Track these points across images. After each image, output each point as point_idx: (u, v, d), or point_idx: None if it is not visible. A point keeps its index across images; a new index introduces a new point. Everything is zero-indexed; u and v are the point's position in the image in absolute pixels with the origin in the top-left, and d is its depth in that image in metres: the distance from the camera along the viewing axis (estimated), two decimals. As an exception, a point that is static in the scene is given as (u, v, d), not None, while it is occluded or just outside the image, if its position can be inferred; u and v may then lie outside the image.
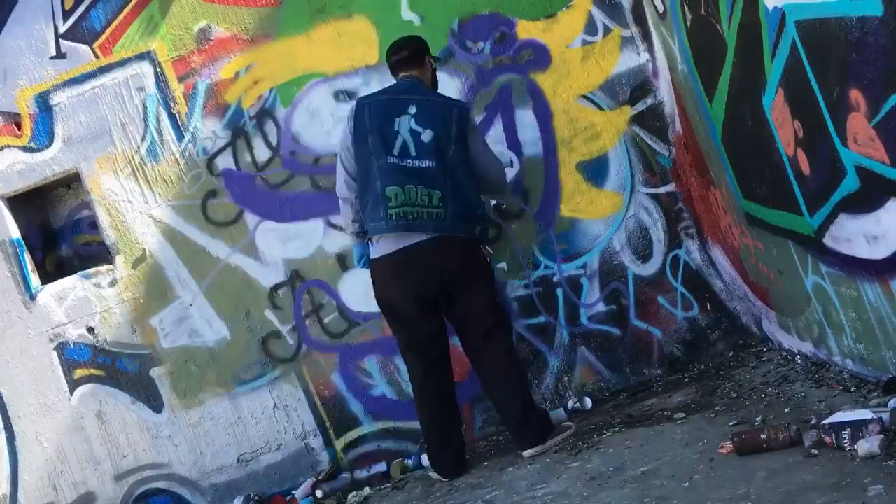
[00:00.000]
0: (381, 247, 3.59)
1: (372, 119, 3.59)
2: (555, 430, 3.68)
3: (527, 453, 3.60)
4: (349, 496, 3.95)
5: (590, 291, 4.19)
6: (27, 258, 4.37)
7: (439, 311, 3.67)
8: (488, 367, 3.68)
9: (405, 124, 3.56)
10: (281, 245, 4.26)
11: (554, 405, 4.14)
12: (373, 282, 3.69)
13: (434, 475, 3.74)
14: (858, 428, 2.43)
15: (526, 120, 4.16)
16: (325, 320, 4.26)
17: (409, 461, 4.09)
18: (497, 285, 3.83)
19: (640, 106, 4.15)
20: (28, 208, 4.46)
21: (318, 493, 4.06)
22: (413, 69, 3.74)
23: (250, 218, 4.26)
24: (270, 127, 4.24)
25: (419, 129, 3.55)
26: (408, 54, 3.75)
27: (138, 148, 4.29)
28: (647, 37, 4.04)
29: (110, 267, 4.32)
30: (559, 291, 4.19)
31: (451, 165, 3.54)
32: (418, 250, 3.53)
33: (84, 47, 4.29)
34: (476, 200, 3.62)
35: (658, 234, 4.17)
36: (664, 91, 4.06)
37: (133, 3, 4.25)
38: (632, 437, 3.37)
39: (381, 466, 4.12)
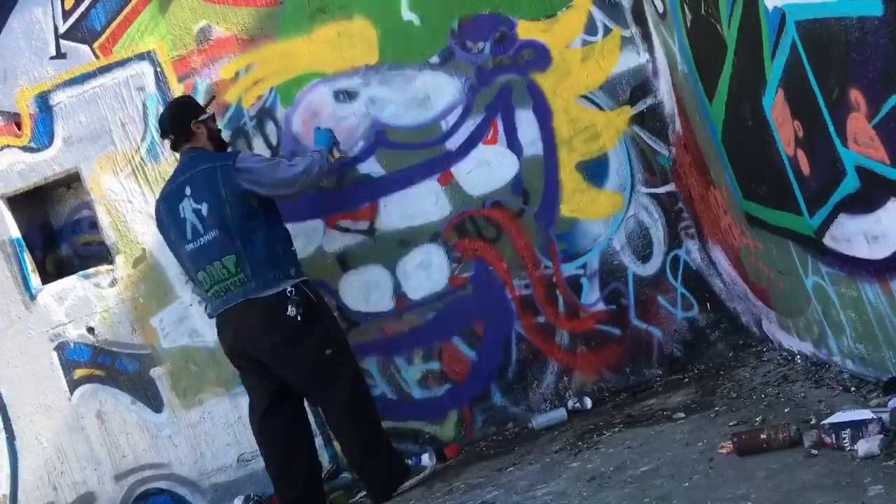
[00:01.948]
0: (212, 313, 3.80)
1: (165, 214, 3.74)
2: (407, 477, 3.71)
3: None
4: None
5: (590, 291, 4.19)
6: (27, 258, 4.37)
7: (269, 372, 3.67)
8: (332, 423, 3.76)
9: (187, 207, 3.65)
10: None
11: (554, 405, 4.14)
12: None
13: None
14: (858, 428, 2.43)
15: (526, 120, 4.16)
16: (325, 320, 4.25)
17: (409, 461, 4.09)
18: (326, 330, 3.70)
19: (640, 106, 4.15)
20: (28, 208, 4.46)
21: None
22: (185, 143, 3.78)
23: (250, 218, 4.25)
24: (270, 127, 4.24)
25: (198, 206, 3.63)
26: (174, 137, 3.80)
27: (138, 148, 4.29)
28: (647, 37, 4.04)
29: (110, 267, 4.32)
30: (559, 291, 4.19)
31: (235, 225, 3.59)
32: (227, 316, 3.64)
33: (84, 47, 4.29)
34: (275, 244, 3.65)
35: (658, 234, 4.17)
36: (664, 91, 4.06)
37: (133, 3, 4.25)
38: (632, 437, 3.37)
39: (381, 466, 4.12)
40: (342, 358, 3.71)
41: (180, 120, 3.78)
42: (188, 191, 3.65)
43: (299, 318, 3.55)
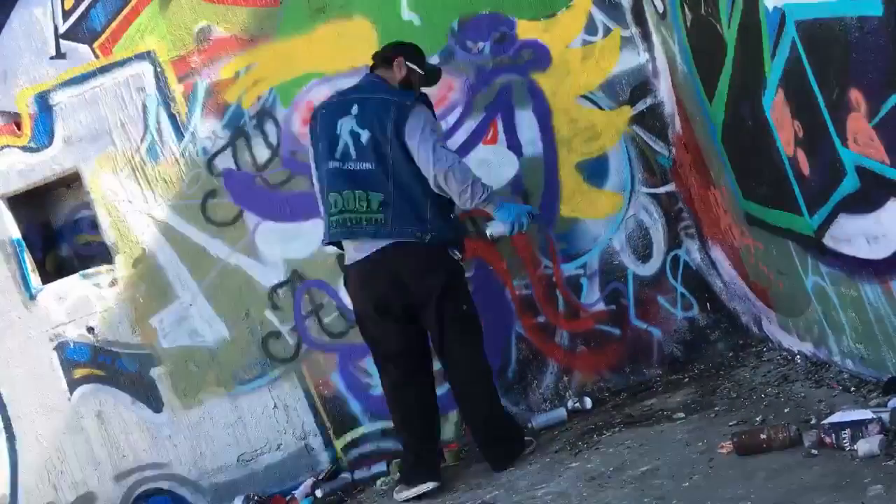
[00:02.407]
0: (347, 254, 3.59)
1: (321, 123, 3.57)
2: (523, 448, 3.63)
3: (496, 473, 3.53)
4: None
5: (590, 291, 4.19)
6: (27, 258, 4.37)
7: (412, 323, 3.57)
8: (455, 381, 3.66)
9: (346, 126, 3.49)
10: (281, 245, 4.25)
11: (554, 405, 4.14)
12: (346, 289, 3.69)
13: (404, 494, 3.56)
14: (858, 428, 2.43)
15: (526, 120, 4.16)
16: (325, 320, 4.26)
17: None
18: (464, 292, 3.63)
19: (640, 106, 4.15)
20: (28, 208, 4.46)
21: (318, 493, 4.06)
22: (378, 68, 3.69)
23: (250, 218, 4.26)
24: (270, 127, 4.24)
25: (358, 130, 3.47)
26: (381, 55, 3.71)
27: (138, 148, 4.28)
28: (647, 37, 4.04)
29: (110, 267, 4.32)
30: (559, 291, 4.19)
31: (394, 166, 3.44)
32: (372, 261, 3.47)
33: (84, 47, 4.28)
34: (425, 203, 3.46)
35: (658, 234, 4.17)
36: (664, 91, 4.06)
37: (133, 3, 4.25)
38: (632, 437, 3.37)
39: (381, 466, 4.12)
40: (471, 323, 3.64)
41: (396, 49, 3.68)
42: (355, 110, 3.48)
43: (445, 269, 3.49)
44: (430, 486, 3.54)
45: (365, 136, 3.46)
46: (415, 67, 3.70)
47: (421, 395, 3.65)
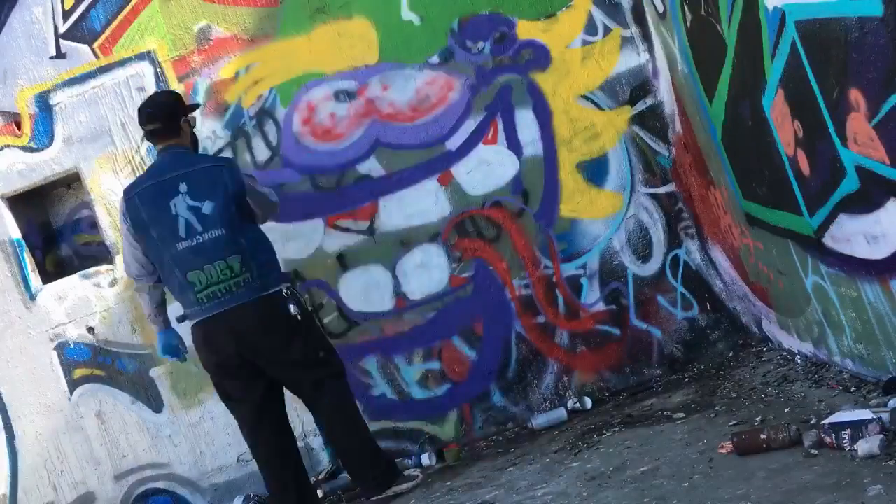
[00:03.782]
0: (197, 319, 3.59)
1: (146, 210, 3.54)
2: (400, 478, 3.70)
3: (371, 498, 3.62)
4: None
5: (590, 291, 4.19)
6: (27, 258, 4.37)
7: (262, 377, 3.61)
8: (326, 420, 3.71)
9: (181, 204, 3.51)
10: (281, 245, 4.23)
11: (554, 405, 4.14)
12: (197, 353, 3.69)
13: None
14: (858, 428, 2.43)
15: (526, 120, 4.16)
16: (325, 320, 4.26)
17: (409, 461, 4.09)
18: (319, 332, 3.78)
19: (640, 106, 4.15)
20: (28, 208, 4.46)
21: (319, 493, 4.06)
22: (170, 139, 3.64)
23: (250, 218, 4.25)
24: (270, 127, 4.24)
25: (197, 203, 3.51)
26: (161, 125, 3.62)
27: (138, 148, 4.28)
28: (647, 37, 4.05)
29: (110, 267, 4.32)
30: (559, 291, 4.19)
31: (241, 225, 3.54)
32: (222, 316, 3.51)
33: (84, 47, 4.28)
34: (271, 248, 3.65)
35: (658, 234, 4.17)
36: (664, 91, 4.06)
37: (133, 3, 4.25)
38: (632, 437, 3.37)
39: (381, 466, 4.12)
40: (334, 359, 3.72)
41: (172, 112, 3.65)
42: (183, 187, 3.52)
43: (298, 318, 3.56)
44: None
45: (207, 206, 3.50)
46: (187, 117, 3.73)
47: (278, 440, 3.70)
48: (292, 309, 3.55)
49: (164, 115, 3.61)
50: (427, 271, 4.22)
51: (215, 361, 3.60)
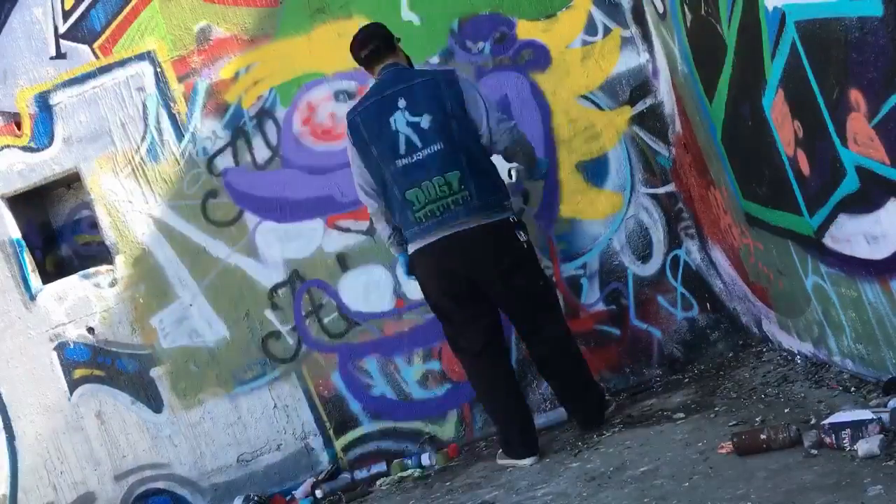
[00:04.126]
0: (415, 244, 3.53)
1: (367, 128, 3.50)
2: (608, 408, 3.73)
3: (590, 432, 3.60)
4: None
5: (590, 291, 4.19)
6: (27, 258, 4.37)
7: (487, 300, 3.56)
8: (543, 353, 3.63)
9: (400, 120, 3.45)
10: (281, 245, 4.26)
11: (554, 405, 4.14)
12: (417, 280, 3.63)
13: (520, 462, 3.53)
14: (858, 428, 2.43)
15: (526, 120, 4.16)
16: (325, 320, 4.26)
17: (409, 461, 4.09)
18: (541, 265, 3.69)
19: (640, 106, 4.15)
20: (28, 208, 4.46)
21: (318, 493, 4.07)
22: (387, 58, 3.61)
23: (250, 218, 4.26)
24: (270, 127, 4.24)
25: (415, 118, 3.44)
26: (378, 44, 3.61)
27: (138, 148, 4.29)
28: (647, 37, 4.04)
29: (110, 267, 4.33)
30: (559, 291, 4.18)
31: (461, 141, 3.44)
32: (453, 238, 3.43)
33: (84, 47, 4.29)
34: (494, 170, 3.53)
35: (658, 234, 4.17)
36: (664, 91, 4.06)
37: (133, 3, 4.25)
38: (632, 437, 3.37)
39: (381, 466, 4.13)
40: (553, 293, 3.72)
41: (385, 32, 3.64)
42: (402, 103, 3.43)
43: (525, 245, 3.52)
44: (530, 461, 3.54)
45: (425, 121, 3.43)
46: (398, 37, 3.71)
47: (503, 372, 3.65)
48: (520, 236, 3.51)
49: (379, 36, 3.62)
50: (427, 271, 4.21)
51: (437, 288, 3.54)
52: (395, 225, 3.62)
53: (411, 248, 3.55)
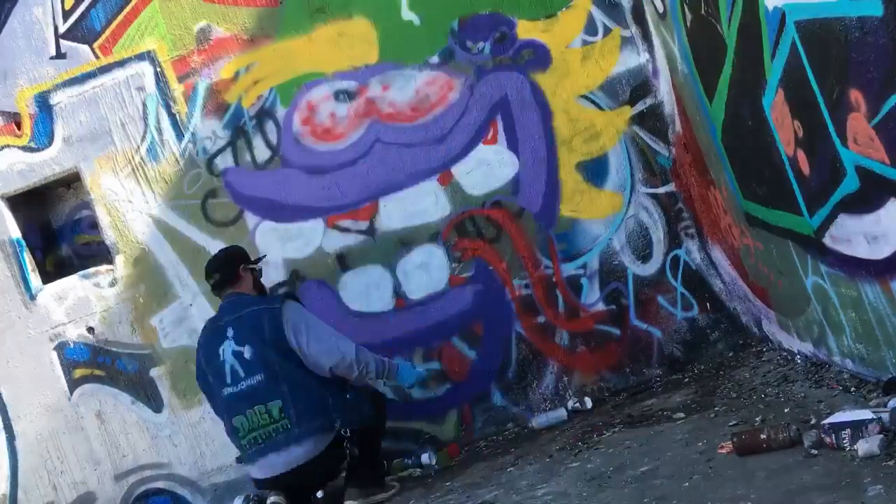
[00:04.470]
0: (251, 469, 3.69)
1: (203, 356, 3.70)
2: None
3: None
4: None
5: (590, 291, 4.19)
6: (27, 258, 4.37)
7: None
8: None
9: (227, 349, 3.60)
10: (281, 245, 4.26)
11: (554, 405, 4.14)
12: None
13: None
14: (858, 428, 2.43)
15: (526, 120, 4.16)
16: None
17: (409, 461, 4.09)
18: (378, 431, 3.79)
19: (640, 106, 4.15)
20: (28, 208, 4.46)
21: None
22: (229, 287, 3.73)
23: (250, 218, 4.26)
24: (270, 127, 4.24)
25: (239, 348, 3.58)
26: (220, 277, 3.74)
27: (138, 148, 4.29)
28: (647, 37, 4.04)
29: (110, 267, 4.32)
30: (559, 291, 4.19)
31: (282, 370, 3.55)
32: (278, 480, 3.59)
33: (84, 47, 4.29)
34: (323, 392, 3.59)
35: (658, 234, 4.17)
36: (664, 91, 4.06)
37: (133, 3, 4.25)
38: (632, 437, 3.37)
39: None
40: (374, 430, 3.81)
41: (231, 262, 3.77)
42: (230, 332, 3.61)
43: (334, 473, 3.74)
44: None
45: (248, 351, 3.58)
46: (252, 266, 3.82)
47: None
48: (344, 451, 3.67)
49: (222, 267, 3.75)
50: (427, 271, 4.22)
51: (266, 485, 3.68)
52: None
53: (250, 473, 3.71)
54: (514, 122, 4.16)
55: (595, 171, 4.17)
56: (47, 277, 4.40)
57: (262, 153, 4.25)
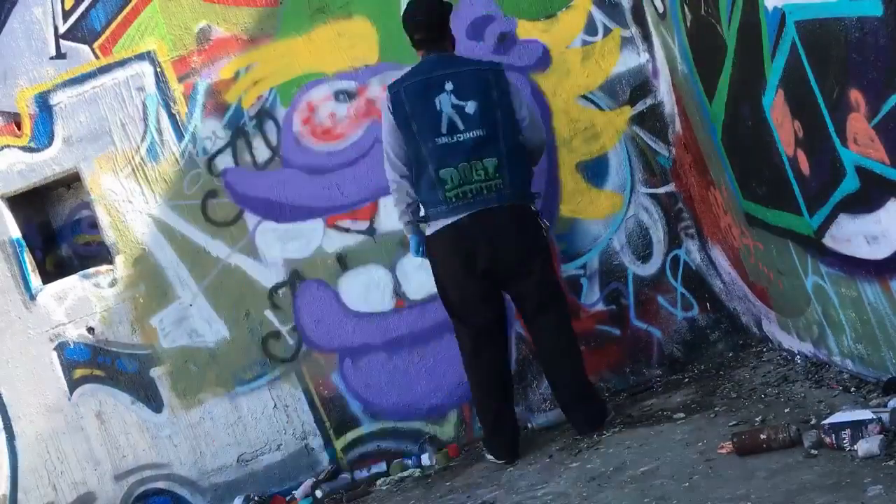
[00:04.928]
0: (438, 222, 3.56)
1: (411, 103, 3.55)
2: (608, 421, 3.66)
3: (580, 436, 3.59)
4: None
5: (589, 291, 4.19)
6: (27, 258, 4.37)
7: (498, 289, 3.63)
8: (543, 345, 3.67)
9: (446, 101, 3.52)
10: (281, 245, 4.26)
11: (554, 405, 4.13)
12: (430, 260, 3.67)
13: (489, 457, 3.69)
14: (858, 428, 2.43)
15: (526, 120, 4.15)
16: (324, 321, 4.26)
17: (409, 461, 4.09)
18: (554, 260, 3.77)
19: (640, 106, 4.15)
20: (28, 208, 4.46)
21: (318, 493, 4.07)
22: (434, 45, 3.66)
23: (250, 218, 4.26)
24: (270, 127, 4.24)
25: (461, 102, 3.52)
26: (433, 35, 3.65)
27: (138, 148, 4.29)
28: (647, 37, 4.04)
29: (110, 267, 4.33)
30: (559, 291, 4.19)
31: (502, 131, 3.53)
32: (478, 215, 3.50)
33: (84, 47, 4.29)
34: (529, 164, 3.65)
35: (658, 234, 4.17)
36: (664, 91, 4.06)
37: (133, 3, 4.25)
38: (632, 437, 3.37)
39: (381, 466, 4.13)
40: (562, 292, 3.75)
41: (444, 19, 3.68)
42: (449, 86, 3.51)
43: (545, 236, 3.64)
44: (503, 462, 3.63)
45: (470, 106, 3.51)
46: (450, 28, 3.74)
47: (498, 362, 3.68)
48: (543, 224, 3.63)
49: (436, 23, 3.66)
50: (427, 271, 4.20)
51: (455, 267, 3.55)
52: (413, 200, 3.64)
53: (431, 228, 3.59)
54: (514, 121, 4.16)
55: (595, 171, 4.17)
56: (47, 277, 4.40)
57: (262, 153, 4.25)
